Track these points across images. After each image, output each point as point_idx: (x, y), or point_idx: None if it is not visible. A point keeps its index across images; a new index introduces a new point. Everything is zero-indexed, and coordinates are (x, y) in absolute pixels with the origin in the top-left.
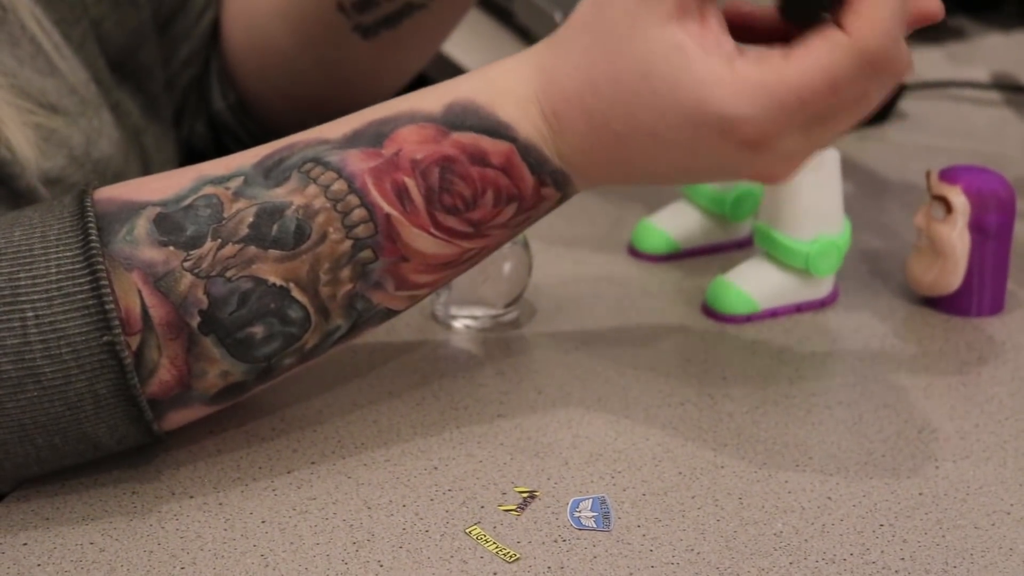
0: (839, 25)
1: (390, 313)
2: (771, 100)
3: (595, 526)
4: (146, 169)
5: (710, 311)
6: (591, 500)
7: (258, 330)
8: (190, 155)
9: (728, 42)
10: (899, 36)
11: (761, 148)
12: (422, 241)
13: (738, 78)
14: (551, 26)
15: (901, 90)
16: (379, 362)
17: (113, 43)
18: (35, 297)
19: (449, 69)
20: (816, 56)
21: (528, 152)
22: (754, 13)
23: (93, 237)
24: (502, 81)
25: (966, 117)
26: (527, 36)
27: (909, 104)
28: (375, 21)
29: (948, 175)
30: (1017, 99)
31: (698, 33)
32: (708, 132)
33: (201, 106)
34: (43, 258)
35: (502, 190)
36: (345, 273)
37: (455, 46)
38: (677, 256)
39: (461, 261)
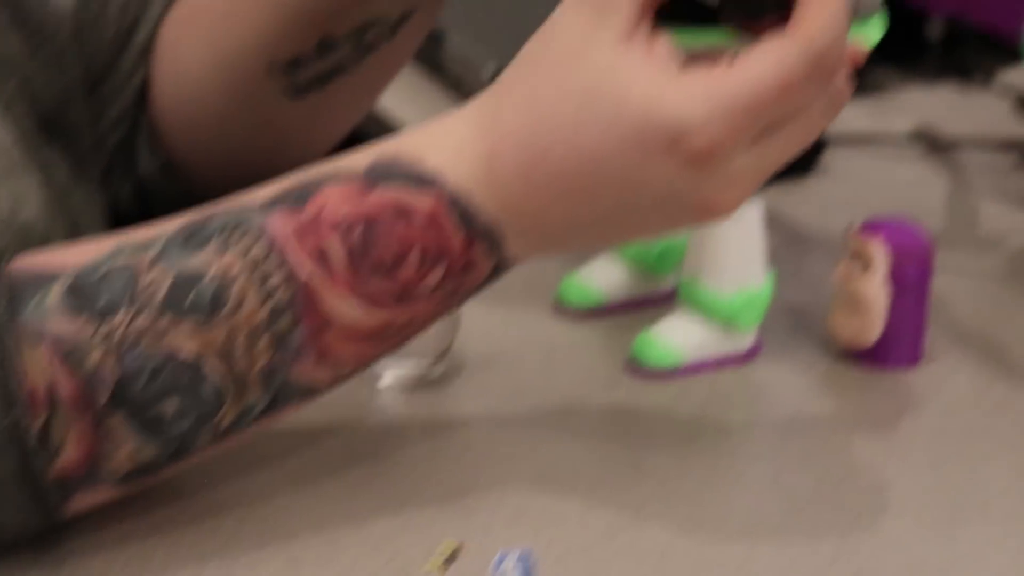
0: (785, 27)
1: (312, 390)
2: (721, 103)
3: None
4: (73, 231)
5: (635, 366)
6: (516, 555)
7: (170, 406)
8: (116, 217)
9: (676, 62)
10: (844, 38)
11: (710, 163)
12: (343, 307)
13: (687, 86)
14: (480, 77)
15: (823, 143)
16: (305, 417)
17: (43, 102)
18: None
19: (380, 124)
20: (766, 55)
21: (456, 202)
22: (707, 54)
23: (1, 309)
24: (433, 132)
25: (887, 170)
26: (458, 88)
27: (831, 157)
28: (305, 81)
29: (868, 228)
30: (938, 152)
31: (647, 52)
32: (655, 147)
33: (128, 168)
34: None
35: (428, 248)
36: (263, 343)
37: (385, 99)
38: (603, 311)
39: (388, 334)
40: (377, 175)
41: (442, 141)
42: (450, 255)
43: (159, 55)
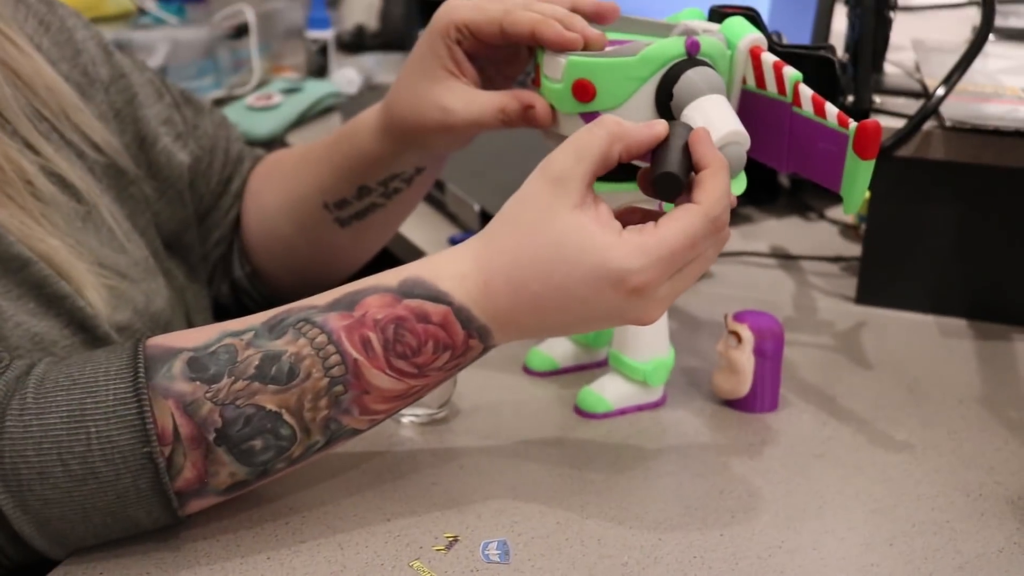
0: (691, 200)
1: (356, 432)
2: (651, 255)
3: (499, 561)
4: (188, 318)
5: (579, 410)
6: (496, 542)
7: (258, 443)
8: (217, 308)
9: (616, 222)
10: (729, 205)
11: (642, 295)
12: (380, 379)
13: (626, 242)
14: (471, 212)
15: None
16: (350, 447)
17: (167, 228)
18: (97, 417)
19: (402, 244)
20: (679, 222)
21: (460, 312)
22: (632, 208)
23: (141, 375)
24: (444, 262)
25: (752, 276)
26: (455, 219)
27: (714, 267)
28: (349, 215)
29: (739, 316)
30: (787, 264)
31: (595, 216)
32: (606, 283)
33: (226, 273)
34: (104, 388)
35: (440, 341)
36: (323, 402)
37: (406, 226)
38: (556, 372)
39: (409, 395)
40: (406, 290)
41: (450, 270)
42: (454, 345)
43: (247, 198)
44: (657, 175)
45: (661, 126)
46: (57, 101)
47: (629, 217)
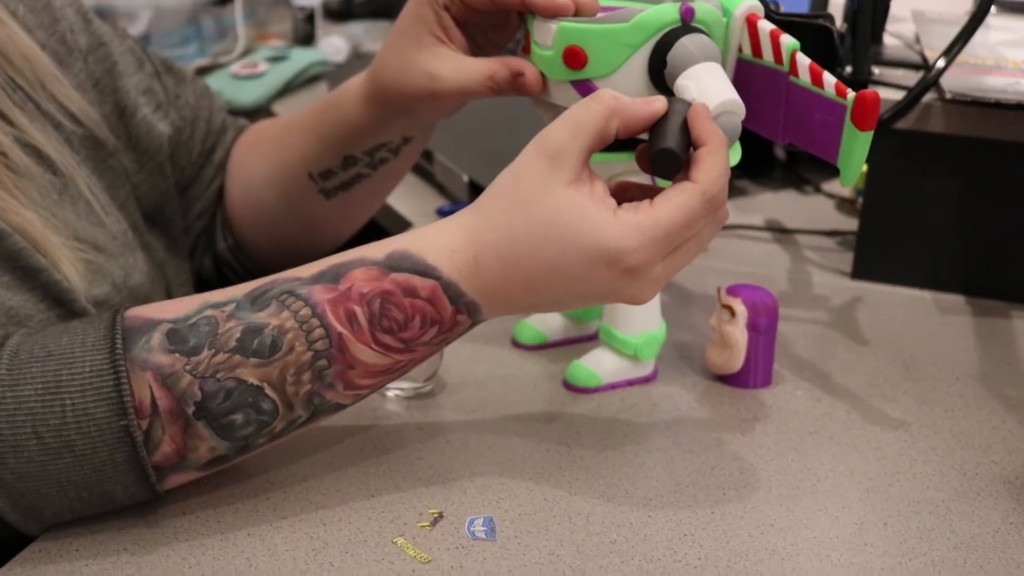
0: (688, 178)
1: (340, 407)
2: (646, 235)
3: (485, 537)
4: (168, 292)
5: (568, 385)
6: (482, 518)
7: (238, 417)
8: (199, 282)
9: (611, 199)
10: (727, 183)
11: (637, 274)
12: (365, 354)
13: (621, 221)
14: (459, 182)
15: None
16: (334, 421)
17: (147, 201)
18: (72, 389)
19: (389, 215)
20: (675, 201)
21: (449, 287)
22: (627, 184)
23: (118, 346)
24: (432, 235)
25: (746, 250)
26: (443, 190)
27: None
28: (334, 186)
29: (732, 290)
30: (782, 237)
31: (589, 193)
32: (599, 263)
33: (208, 246)
34: (81, 360)
35: (427, 316)
36: (306, 376)
37: (393, 197)
38: (545, 346)
39: (394, 370)
40: (392, 264)
41: (439, 243)
42: (442, 320)
43: (231, 168)
44: (655, 152)
45: (660, 102)
46: (33, 70)
47: (625, 193)
